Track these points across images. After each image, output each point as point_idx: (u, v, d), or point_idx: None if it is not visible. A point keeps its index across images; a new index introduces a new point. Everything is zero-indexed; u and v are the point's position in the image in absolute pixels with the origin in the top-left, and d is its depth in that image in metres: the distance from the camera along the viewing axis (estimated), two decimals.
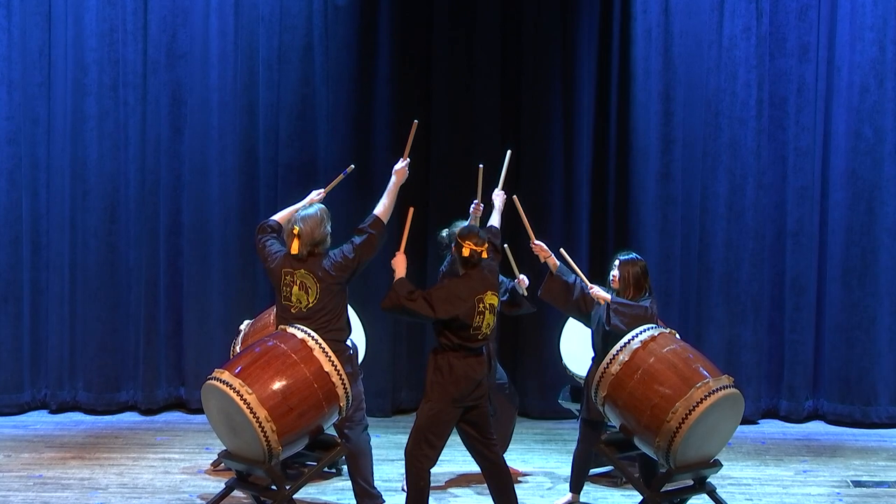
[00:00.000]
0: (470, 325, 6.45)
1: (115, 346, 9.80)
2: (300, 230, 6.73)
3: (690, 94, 9.70)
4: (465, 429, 6.61)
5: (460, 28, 9.74)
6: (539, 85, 9.73)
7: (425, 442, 6.46)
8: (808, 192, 9.70)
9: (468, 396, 6.49)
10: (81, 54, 9.69)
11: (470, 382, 6.48)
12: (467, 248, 6.52)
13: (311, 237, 6.75)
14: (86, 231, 9.76)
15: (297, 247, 6.73)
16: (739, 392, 6.75)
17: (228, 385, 6.37)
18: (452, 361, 6.47)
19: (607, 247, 9.66)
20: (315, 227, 6.76)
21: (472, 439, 6.62)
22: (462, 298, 6.44)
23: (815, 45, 9.64)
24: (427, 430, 6.47)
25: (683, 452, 6.54)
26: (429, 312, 6.41)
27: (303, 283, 6.73)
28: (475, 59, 9.74)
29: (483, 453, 6.63)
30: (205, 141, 9.75)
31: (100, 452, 8.57)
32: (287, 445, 6.43)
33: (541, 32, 9.70)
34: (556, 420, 9.51)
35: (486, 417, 6.61)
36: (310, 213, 6.81)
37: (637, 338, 6.75)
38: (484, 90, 9.74)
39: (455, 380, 6.44)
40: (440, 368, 6.48)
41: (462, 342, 6.48)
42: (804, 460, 8.58)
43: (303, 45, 9.73)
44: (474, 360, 6.53)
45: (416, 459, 6.48)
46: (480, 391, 6.56)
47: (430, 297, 6.42)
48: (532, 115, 9.74)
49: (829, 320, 9.72)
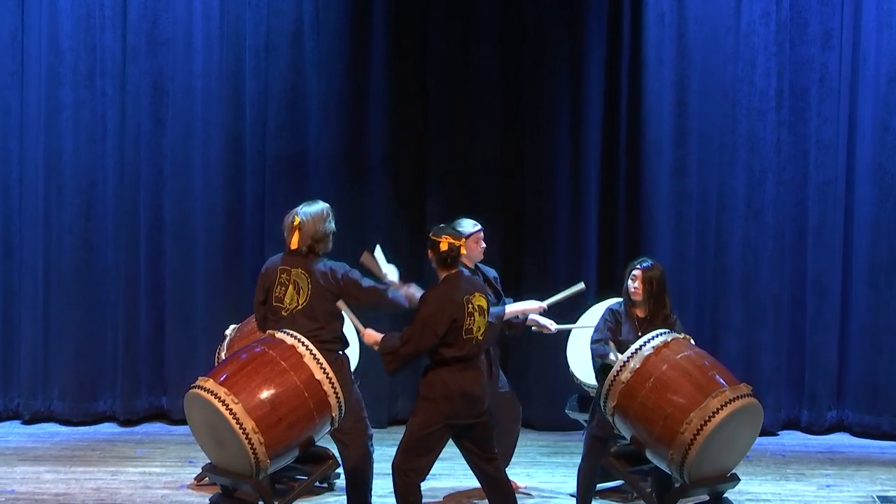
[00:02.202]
0: (462, 328, 6.43)
1: (93, 352, 9.81)
2: (302, 222, 6.74)
3: (706, 83, 9.71)
4: (466, 445, 6.60)
5: (458, 13, 9.76)
6: (543, 73, 9.75)
7: (414, 455, 6.45)
8: (831, 188, 9.71)
9: (463, 414, 6.46)
10: (56, 40, 9.70)
11: (465, 399, 6.44)
12: (445, 241, 6.51)
13: (313, 231, 6.76)
14: (61, 229, 9.77)
15: (298, 241, 6.74)
16: (758, 401, 6.74)
17: (213, 394, 6.37)
18: (446, 377, 6.44)
19: (617, 247, 9.68)
20: (318, 222, 6.78)
21: (472, 455, 6.62)
22: (452, 299, 6.43)
23: (838, 30, 9.66)
24: (417, 444, 6.46)
25: (698, 466, 6.55)
26: (431, 336, 6.37)
27: (296, 283, 6.74)
28: (474, 46, 9.76)
29: (483, 468, 6.63)
30: (188, 132, 9.76)
31: (76, 466, 8.58)
32: (275, 458, 6.43)
33: (545, 17, 9.72)
34: (562, 431, 9.52)
35: (487, 434, 6.59)
36: (314, 207, 6.83)
37: (649, 343, 6.74)
38: (483, 79, 9.76)
39: (448, 395, 6.41)
40: (432, 384, 6.45)
41: (455, 353, 6.45)
42: (827, 474, 8.58)
43: (292, 31, 9.75)
44: (471, 374, 6.49)
45: (403, 474, 6.47)
46: (479, 408, 6.51)
47: (421, 321, 6.37)
48: (535, 106, 9.75)
49: (855, 323, 9.73)
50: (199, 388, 6.46)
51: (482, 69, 9.77)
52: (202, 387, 6.44)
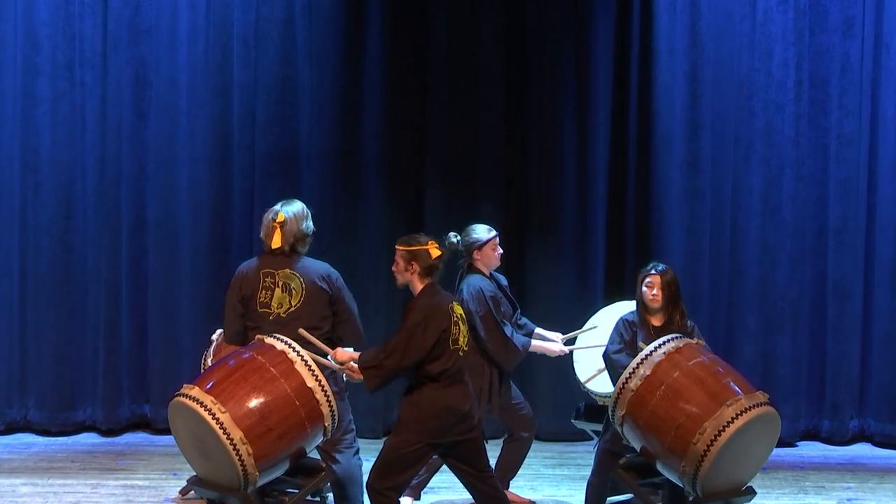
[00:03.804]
0: (449, 338, 6.40)
1: (72, 358, 9.81)
2: (286, 219, 6.77)
3: (720, 73, 9.71)
4: (456, 464, 6.58)
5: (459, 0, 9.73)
6: (548, 63, 9.74)
7: (391, 474, 6.41)
8: (852, 185, 9.71)
9: (450, 431, 6.43)
10: (33, 29, 9.69)
11: (452, 415, 6.41)
12: (433, 247, 6.50)
13: (295, 230, 6.79)
14: (38, 229, 9.76)
15: (280, 240, 6.75)
16: (775, 410, 6.74)
17: (199, 402, 6.36)
18: (433, 394, 6.39)
19: (626, 247, 9.67)
20: (300, 220, 6.83)
21: (464, 473, 6.59)
22: (440, 308, 6.41)
23: (860, 18, 9.65)
24: (395, 462, 6.42)
25: (712, 478, 6.54)
26: (418, 348, 6.31)
27: (286, 285, 6.74)
28: (476, 36, 9.75)
29: (477, 487, 6.60)
30: (172, 126, 9.76)
31: (54, 478, 8.56)
32: (265, 471, 6.43)
33: (549, 2, 9.69)
34: (568, 442, 9.53)
35: (477, 450, 6.56)
36: (294, 206, 6.87)
37: (660, 349, 6.74)
38: (485, 71, 9.75)
39: (436, 413, 6.37)
40: (417, 404, 6.41)
41: (442, 366, 6.40)
42: (848, 487, 8.57)
43: (283, 19, 9.75)
44: (458, 389, 6.46)
45: (380, 494, 6.43)
46: (467, 425, 6.47)
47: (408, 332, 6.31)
48: (540, 98, 9.76)
49: (878, 329, 9.73)
50: (184, 396, 6.46)
51: (484, 60, 9.76)
52: (187, 395, 6.44)
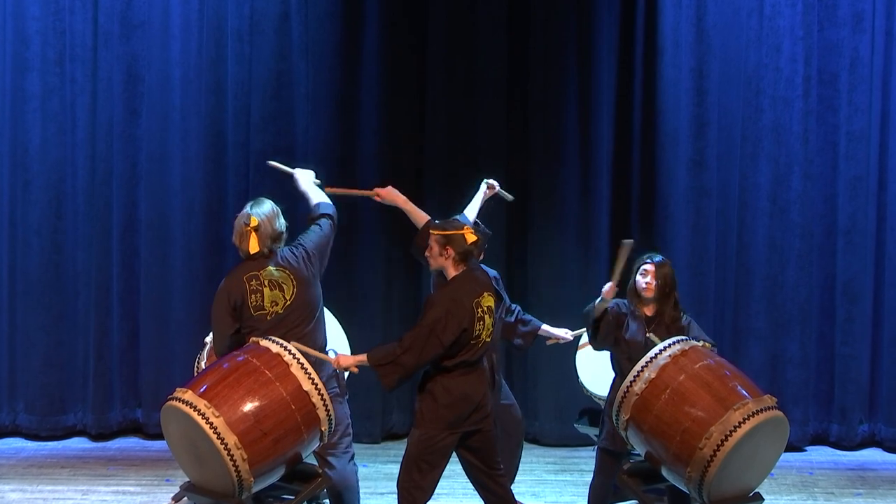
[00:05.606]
0: (470, 336, 6.46)
1: (62, 361, 9.82)
2: (260, 222, 6.80)
3: (727, 69, 9.72)
4: (467, 457, 6.63)
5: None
6: (550, 58, 9.75)
7: (418, 471, 6.49)
8: (862, 184, 9.73)
9: (466, 420, 6.51)
10: (22, 24, 9.71)
11: (468, 404, 6.49)
12: (468, 232, 6.54)
13: (270, 231, 6.83)
14: (27, 229, 9.78)
15: (257, 244, 6.79)
16: (783, 414, 6.75)
17: (192, 406, 6.37)
18: (448, 383, 6.47)
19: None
20: (273, 221, 6.86)
21: (475, 469, 6.64)
22: (462, 305, 6.44)
23: (870, 13, 9.67)
24: (419, 458, 6.50)
25: (719, 484, 6.56)
26: (436, 345, 6.37)
27: (273, 282, 6.77)
28: (477, 31, 9.76)
29: (487, 486, 6.65)
30: (165, 124, 9.77)
31: (43, 484, 8.58)
32: (260, 476, 6.44)
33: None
34: (571, 447, 9.54)
35: (491, 444, 6.64)
36: (265, 207, 6.89)
37: (665, 352, 6.76)
38: (487, 67, 9.76)
39: (452, 402, 6.45)
40: (433, 393, 6.49)
41: (460, 360, 6.48)
42: (858, 493, 8.60)
43: (278, 13, 9.76)
44: (474, 377, 6.54)
45: (407, 492, 6.51)
46: (481, 413, 6.57)
47: (427, 327, 6.36)
48: (542, 94, 9.77)
49: (888, 332, 9.75)
50: (177, 400, 6.47)
51: (485, 56, 9.77)
52: (180, 399, 6.44)
